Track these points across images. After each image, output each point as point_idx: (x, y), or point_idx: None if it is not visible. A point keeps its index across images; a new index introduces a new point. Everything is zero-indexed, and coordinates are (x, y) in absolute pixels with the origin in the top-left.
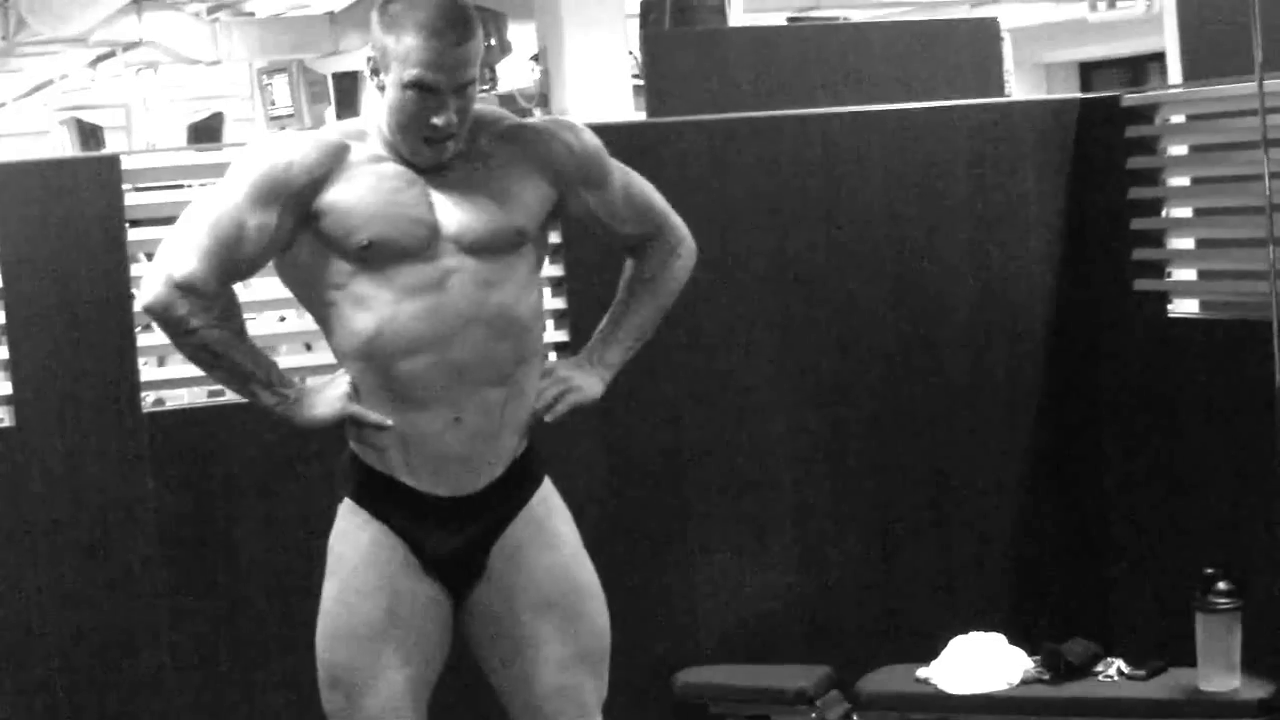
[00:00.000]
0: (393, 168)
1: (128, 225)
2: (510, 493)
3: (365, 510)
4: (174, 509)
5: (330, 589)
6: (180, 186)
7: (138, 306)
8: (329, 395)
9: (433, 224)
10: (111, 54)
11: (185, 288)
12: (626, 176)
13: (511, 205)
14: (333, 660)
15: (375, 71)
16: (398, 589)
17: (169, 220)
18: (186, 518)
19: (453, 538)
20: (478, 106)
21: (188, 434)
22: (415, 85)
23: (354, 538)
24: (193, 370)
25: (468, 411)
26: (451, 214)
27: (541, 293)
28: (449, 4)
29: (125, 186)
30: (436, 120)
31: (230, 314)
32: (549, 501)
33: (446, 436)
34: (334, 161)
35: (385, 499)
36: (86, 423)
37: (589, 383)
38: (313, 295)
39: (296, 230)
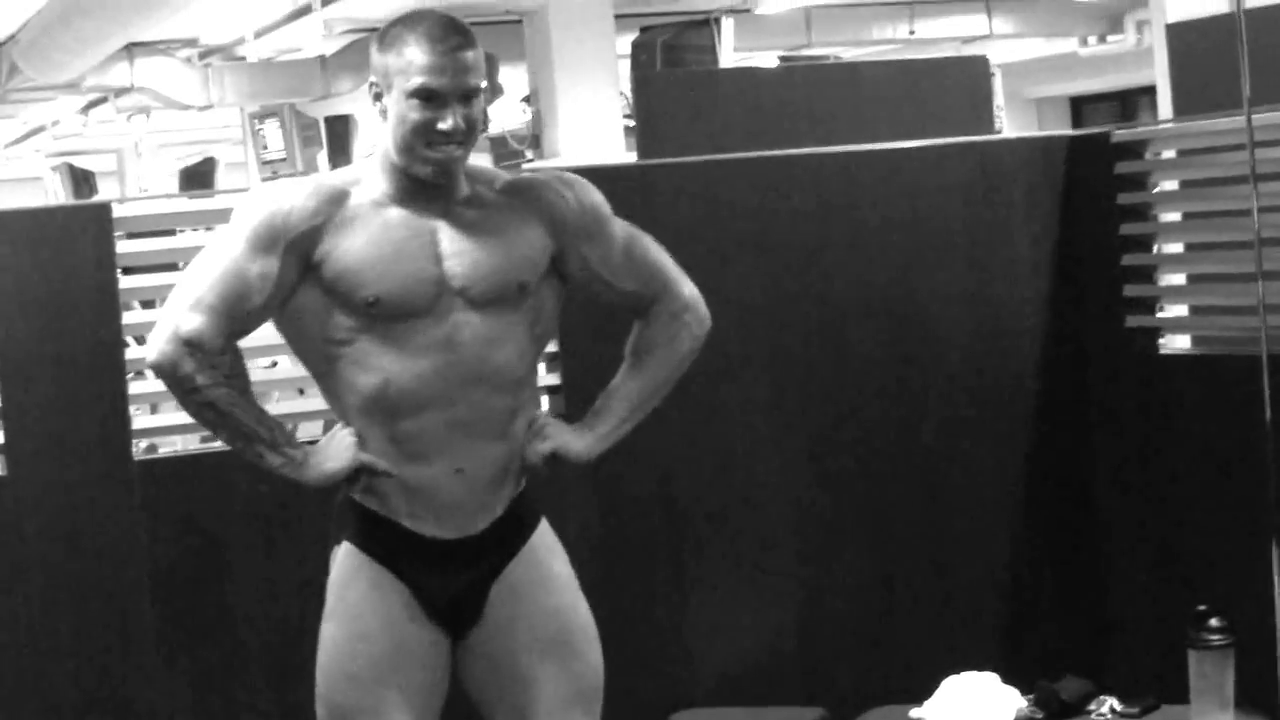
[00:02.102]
0: (397, 214)
1: (119, 273)
2: (509, 534)
3: (365, 553)
4: (166, 556)
5: (330, 631)
6: (172, 233)
7: (145, 363)
8: (338, 447)
9: (439, 278)
10: (103, 99)
11: (191, 344)
12: (631, 235)
13: (514, 258)
14: (336, 702)
15: (378, 97)
16: (400, 632)
17: (161, 268)
18: (179, 565)
19: (453, 579)
20: (474, 164)
21: (180, 481)
22: (419, 93)
23: (355, 581)
24: (185, 418)
25: (470, 463)
26: (457, 265)
27: (540, 346)
28: (446, 17)
29: (117, 234)
30: (442, 125)
31: (236, 372)
32: (546, 542)
33: (450, 486)
34: (333, 207)
35: (386, 542)
36: (78, 470)
37: (573, 439)
38: (312, 349)
39: (300, 279)
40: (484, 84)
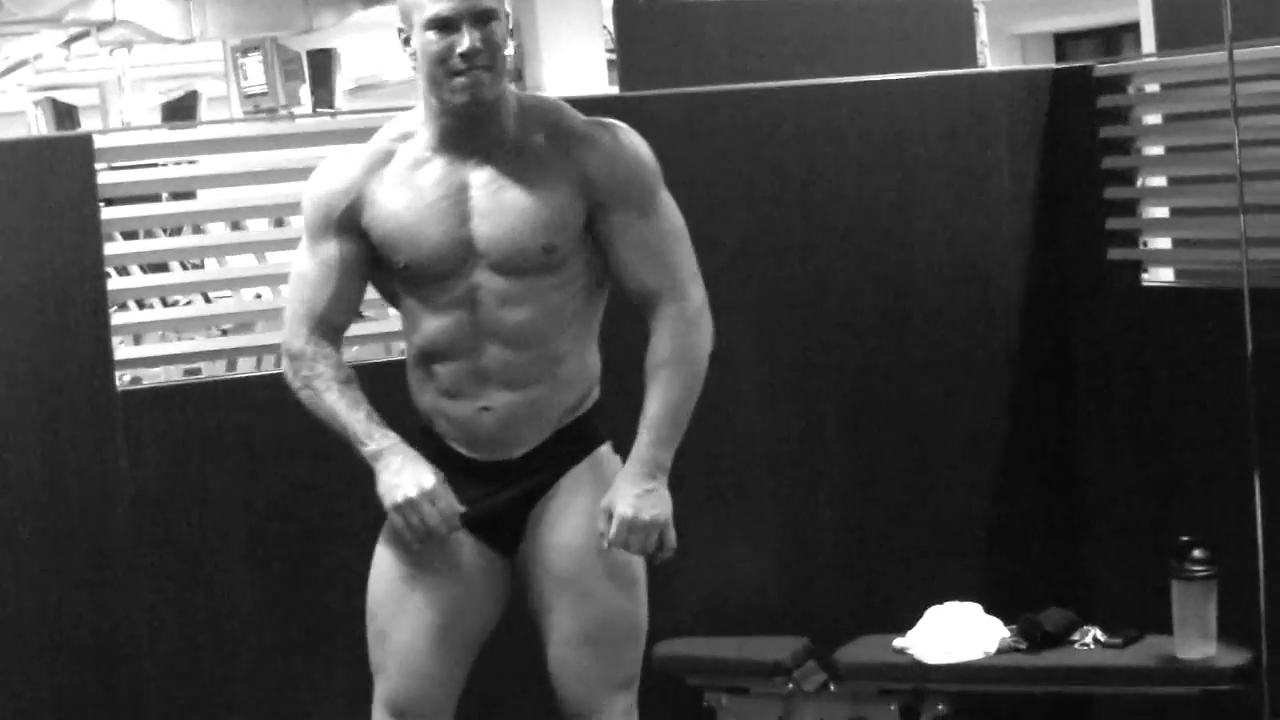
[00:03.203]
0: (436, 169)
1: (101, 204)
2: (553, 458)
3: None
4: (149, 487)
5: (385, 528)
6: (154, 165)
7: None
8: (434, 503)
9: (467, 239)
10: (85, 34)
11: (289, 354)
12: (664, 221)
13: (539, 221)
14: (371, 594)
15: (406, 42)
16: (437, 539)
17: (142, 199)
18: (162, 495)
19: (490, 498)
20: (539, 98)
21: (163, 412)
22: (433, 23)
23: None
24: (168, 348)
25: (497, 404)
26: (484, 226)
27: (587, 293)
28: None
29: (99, 165)
30: (460, 49)
31: (316, 373)
32: (592, 473)
33: (479, 421)
34: (367, 176)
35: (437, 460)
36: (62, 401)
37: (656, 510)
38: (389, 297)
39: (368, 245)
40: (498, 7)
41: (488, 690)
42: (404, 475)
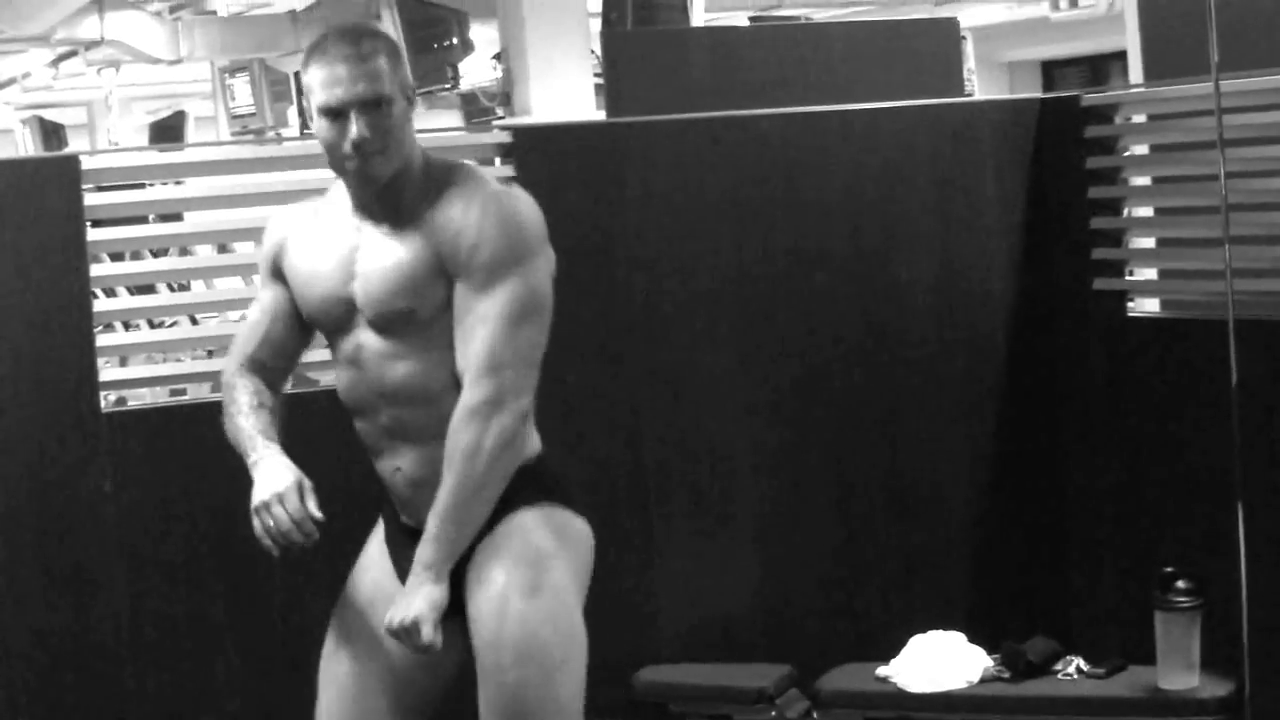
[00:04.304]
0: (344, 231)
1: (88, 225)
2: None
3: (382, 524)
4: (133, 509)
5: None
6: (141, 186)
7: None
8: (281, 504)
9: (349, 299)
10: (73, 53)
11: (223, 383)
12: (498, 299)
13: (401, 284)
14: (327, 634)
15: (314, 117)
16: (383, 592)
17: (129, 220)
18: (146, 517)
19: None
20: (449, 162)
21: (148, 434)
22: (322, 111)
23: (369, 542)
24: (153, 370)
25: (405, 464)
26: (359, 287)
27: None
28: (344, 26)
29: (86, 186)
30: (345, 143)
31: (235, 399)
32: (509, 538)
33: (395, 482)
34: (290, 231)
35: (389, 522)
36: (46, 422)
37: (407, 612)
38: None
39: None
40: (390, 90)
41: None
42: (265, 481)
